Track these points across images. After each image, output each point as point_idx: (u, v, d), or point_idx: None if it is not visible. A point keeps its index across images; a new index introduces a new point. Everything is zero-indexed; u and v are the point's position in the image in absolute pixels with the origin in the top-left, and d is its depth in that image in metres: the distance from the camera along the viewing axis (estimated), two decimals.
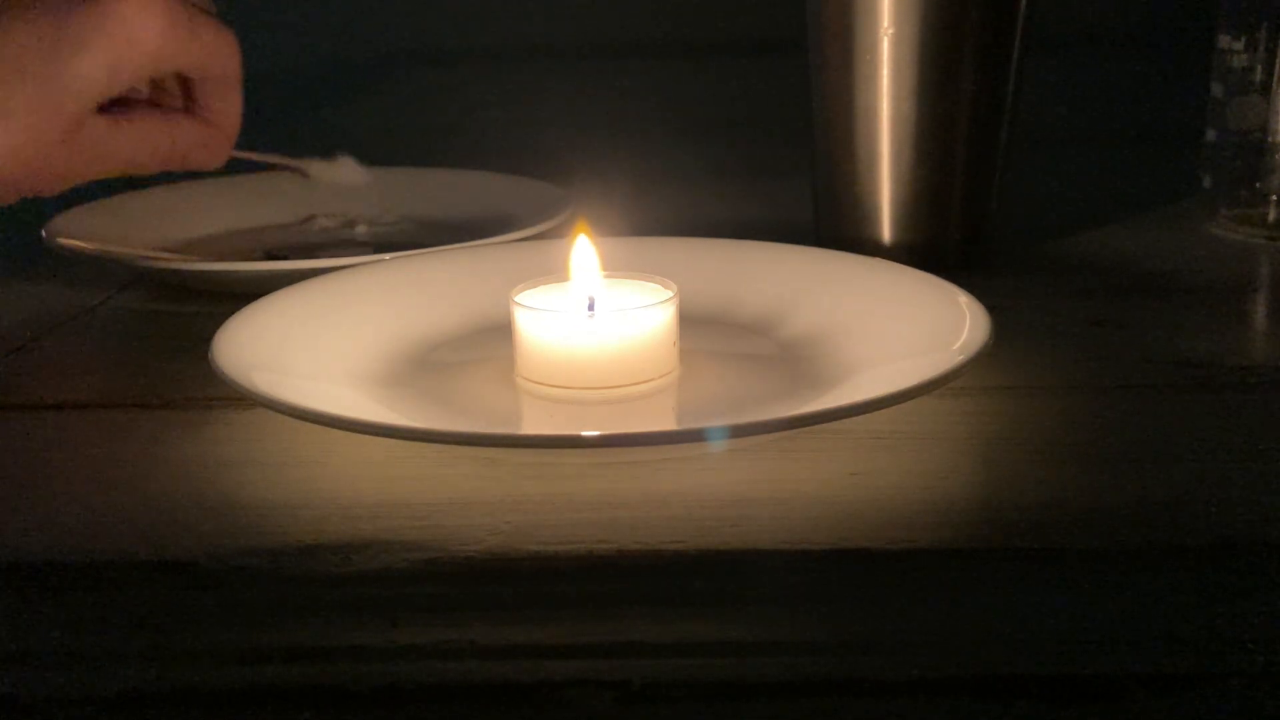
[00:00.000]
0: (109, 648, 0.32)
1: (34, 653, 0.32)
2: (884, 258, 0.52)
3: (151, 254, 0.62)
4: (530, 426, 0.45)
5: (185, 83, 0.56)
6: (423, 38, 1.11)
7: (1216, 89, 0.64)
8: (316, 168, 0.66)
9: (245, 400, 0.41)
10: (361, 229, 0.70)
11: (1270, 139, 0.62)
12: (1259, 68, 0.62)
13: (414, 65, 1.01)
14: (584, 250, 0.47)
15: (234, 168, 0.60)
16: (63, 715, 0.30)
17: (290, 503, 0.39)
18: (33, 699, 0.31)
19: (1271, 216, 0.64)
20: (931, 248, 0.58)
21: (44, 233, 0.61)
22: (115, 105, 0.52)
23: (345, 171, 0.66)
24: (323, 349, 0.46)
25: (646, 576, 0.35)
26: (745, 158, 0.86)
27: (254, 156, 0.62)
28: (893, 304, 0.48)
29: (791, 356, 0.47)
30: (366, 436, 0.39)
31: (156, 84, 0.56)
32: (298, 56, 0.94)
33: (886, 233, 0.58)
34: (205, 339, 0.43)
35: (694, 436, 0.41)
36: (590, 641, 0.32)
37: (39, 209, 0.62)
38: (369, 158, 0.68)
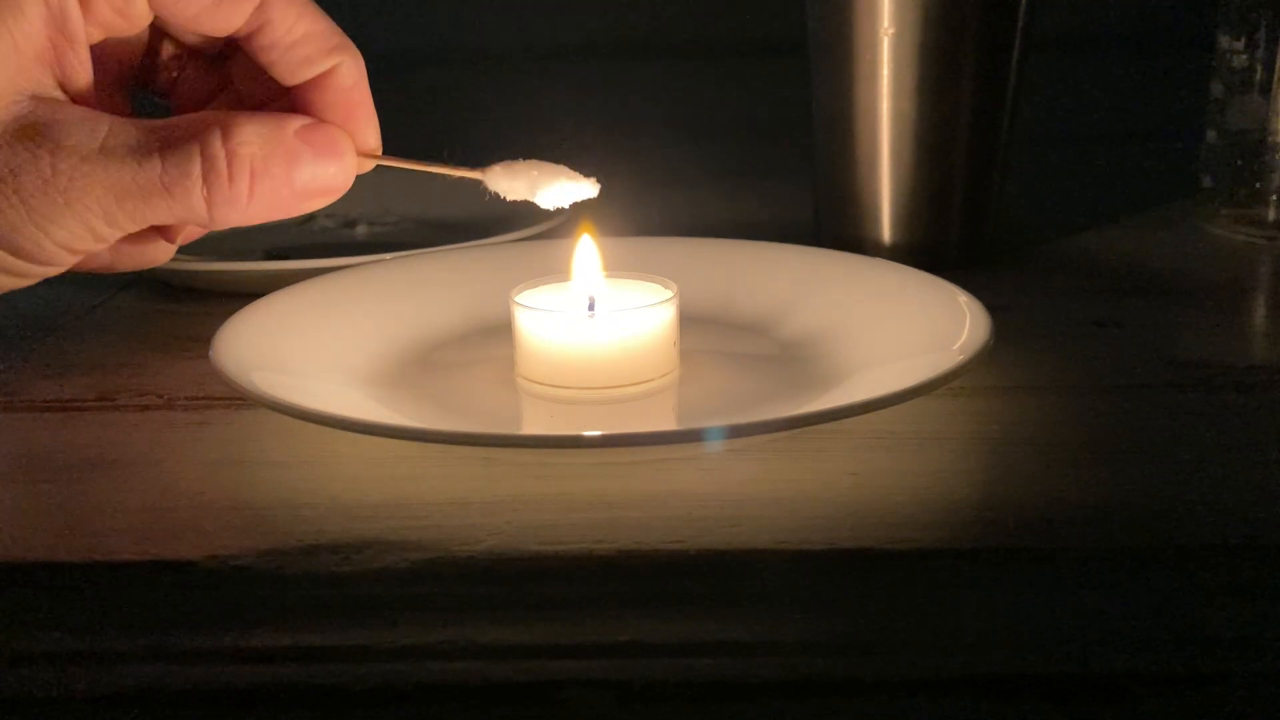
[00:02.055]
0: (109, 648, 0.32)
1: (34, 653, 0.32)
2: (884, 258, 0.52)
3: None
4: (530, 426, 0.45)
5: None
6: (423, 37, 1.11)
7: (1216, 89, 0.64)
8: (501, 176, 0.44)
9: (245, 400, 0.41)
10: (361, 229, 0.70)
11: (1270, 139, 0.62)
12: (1259, 68, 0.62)
13: (414, 65, 1.01)
14: (587, 250, 0.47)
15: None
16: (63, 715, 0.30)
17: (290, 503, 0.39)
18: (33, 699, 0.30)
19: (1271, 216, 0.64)
20: (931, 247, 0.58)
21: None
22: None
23: (548, 178, 0.44)
24: (323, 349, 0.46)
25: (646, 576, 0.35)
26: (745, 158, 0.86)
27: (409, 165, 0.43)
28: (893, 304, 0.48)
29: (791, 356, 0.47)
30: (366, 436, 0.39)
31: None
32: None
33: (886, 232, 0.58)
34: (205, 339, 0.43)
35: (694, 436, 0.41)
36: (590, 641, 0.32)
37: None
38: None
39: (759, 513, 0.38)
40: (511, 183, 0.43)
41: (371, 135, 0.42)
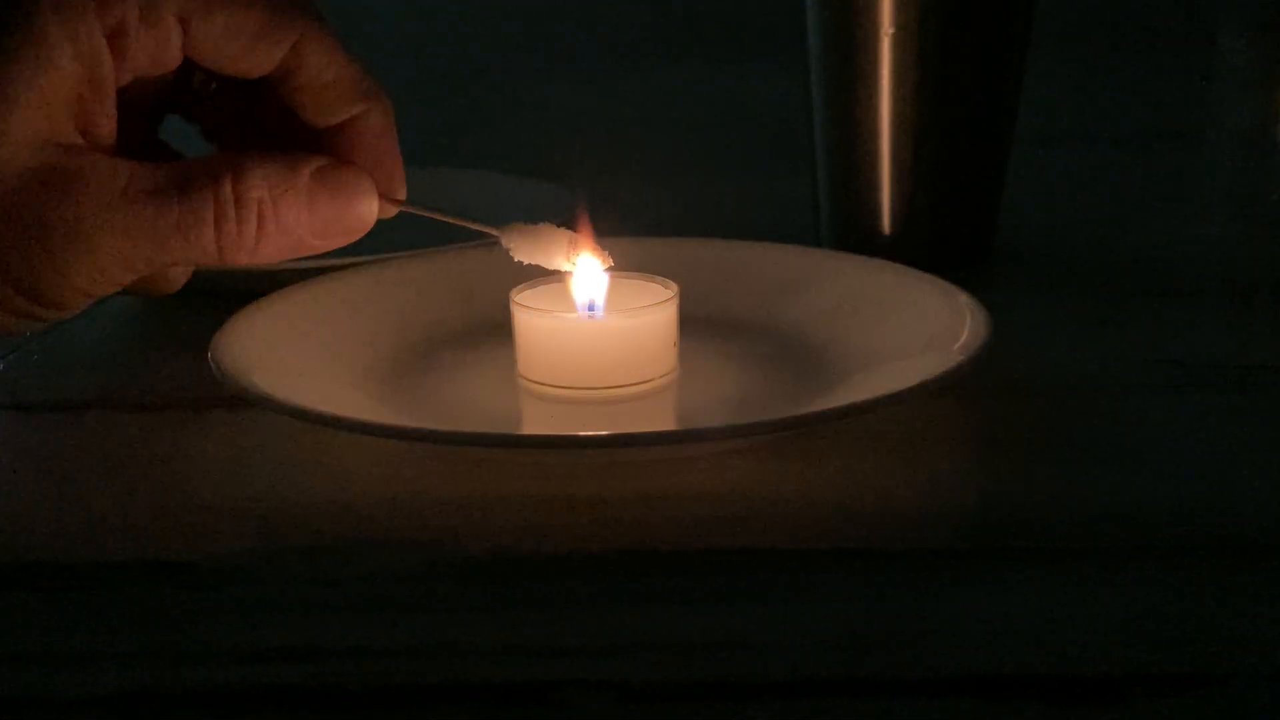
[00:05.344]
0: (109, 648, 0.32)
1: (34, 653, 0.32)
2: (884, 257, 0.52)
3: None
4: (530, 426, 0.45)
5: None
6: (422, 37, 1.11)
7: (1216, 89, 0.64)
8: (521, 238, 0.44)
9: (245, 400, 0.41)
10: None
11: (1270, 139, 0.62)
12: (1259, 68, 0.62)
13: (413, 65, 1.01)
14: (587, 252, 0.47)
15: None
16: (63, 715, 0.30)
17: (290, 503, 0.39)
18: (33, 699, 0.31)
19: (1268, 216, 0.64)
20: (932, 247, 0.58)
21: None
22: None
23: (561, 245, 0.44)
24: (323, 349, 0.46)
25: (647, 576, 0.35)
26: (745, 157, 0.86)
27: (431, 214, 0.44)
28: (893, 304, 0.48)
29: (791, 356, 0.47)
30: (366, 436, 0.39)
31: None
32: None
33: (887, 232, 0.58)
34: (205, 339, 0.43)
35: (694, 436, 0.41)
36: (590, 641, 0.32)
37: None
38: None
39: (759, 513, 0.38)
40: (525, 244, 0.44)
41: (397, 182, 0.42)
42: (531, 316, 0.45)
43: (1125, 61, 0.97)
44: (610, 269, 0.45)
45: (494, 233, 0.44)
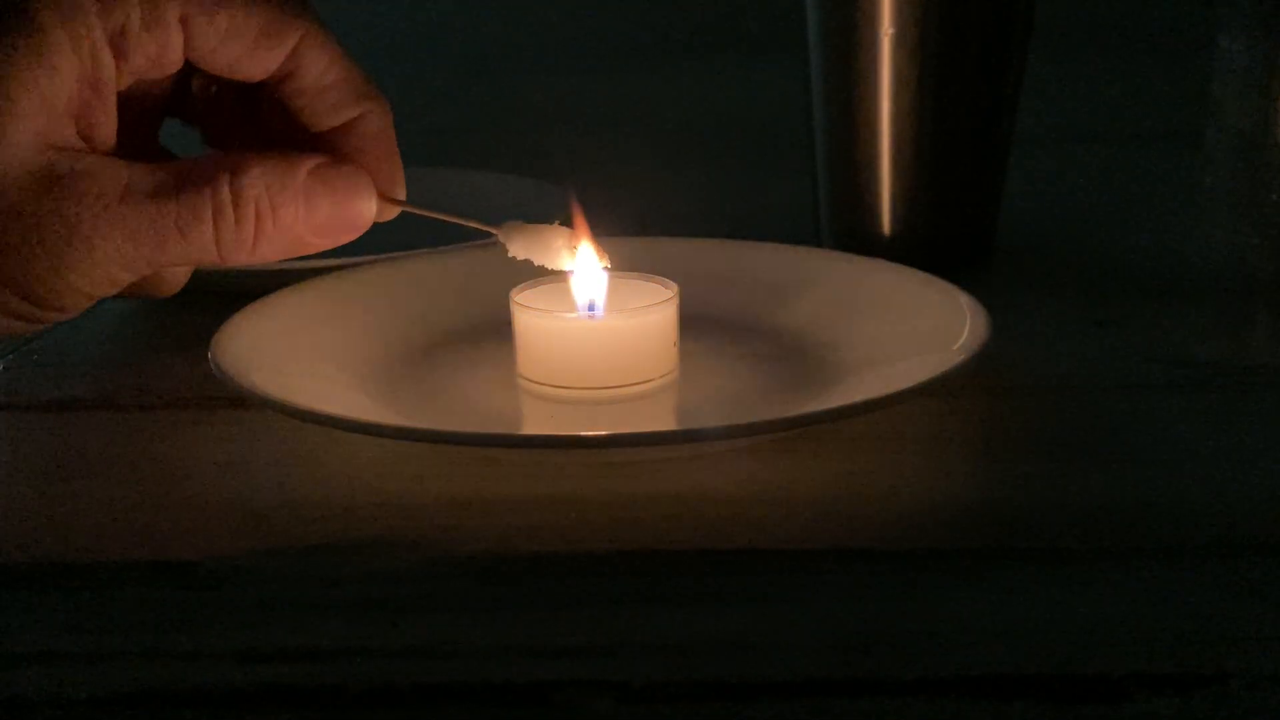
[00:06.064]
0: (109, 648, 0.32)
1: (34, 653, 0.32)
2: (884, 257, 0.52)
3: None
4: (531, 427, 0.45)
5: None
6: (421, 37, 1.11)
7: (1216, 89, 0.64)
8: (519, 236, 0.44)
9: (245, 400, 0.41)
10: None
11: (1270, 139, 0.62)
12: (1259, 68, 0.62)
13: (413, 65, 1.01)
14: (585, 250, 0.47)
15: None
16: (63, 715, 0.30)
17: (290, 503, 0.39)
18: (33, 699, 0.31)
19: (1269, 217, 0.63)
20: (932, 247, 0.58)
21: None
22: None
23: (557, 244, 0.44)
24: (323, 349, 0.46)
25: (646, 576, 0.35)
26: (745, 157, 0.86)
27: (431, 214, 0.44)
28: (893, 304, 0.48)
29: (791, 356, 0.47)
30: (366, 436, 0.39)
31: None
32: None
33: (887, 232, 0.58)
34: (205, 339, 0.43)
35: (694, 436, 0.41)
36: (590, 641, 0.32)
37: None
38: None
39: (759, 513, 0.38)
40: (523, 242, 0.44)
41: (396, 183, 0.42)
42: (531, 316, 0.45)
43: (1125, 61, 0.97)
44: (608, 267, 0.45)
45: (492, 230, 0.44)
